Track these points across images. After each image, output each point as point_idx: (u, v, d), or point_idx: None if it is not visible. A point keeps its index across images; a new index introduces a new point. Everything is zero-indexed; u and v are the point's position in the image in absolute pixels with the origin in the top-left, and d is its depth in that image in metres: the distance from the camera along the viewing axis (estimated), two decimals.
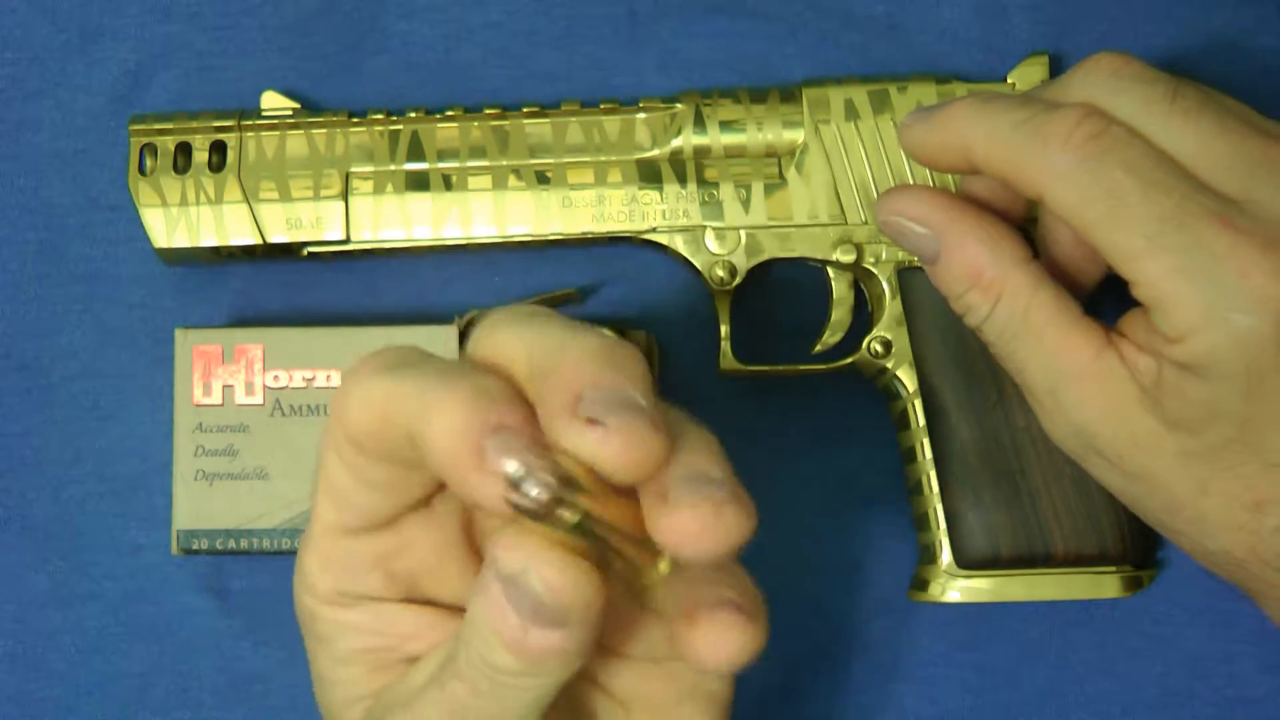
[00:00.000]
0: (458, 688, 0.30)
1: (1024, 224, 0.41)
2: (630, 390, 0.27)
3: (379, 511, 0.31)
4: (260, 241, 0.45)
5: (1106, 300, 0.40)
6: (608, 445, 0.26)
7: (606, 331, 0.29)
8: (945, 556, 0.44)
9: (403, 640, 0.33)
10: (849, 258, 0.44)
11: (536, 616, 0.27)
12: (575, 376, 0.27)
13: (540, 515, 0.26)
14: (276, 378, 0.44)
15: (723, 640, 0.28)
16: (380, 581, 0.32)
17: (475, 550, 0.33)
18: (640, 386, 0.27)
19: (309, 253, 0.45)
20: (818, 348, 0.46)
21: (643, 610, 0.32)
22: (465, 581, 0.33)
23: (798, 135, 0.45)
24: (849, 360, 0.45)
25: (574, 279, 0.47)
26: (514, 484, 0.26)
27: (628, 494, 0.27)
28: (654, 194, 0.45)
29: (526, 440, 0.27)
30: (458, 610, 0.33)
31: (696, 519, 0.26)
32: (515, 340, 0.29)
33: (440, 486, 0.32)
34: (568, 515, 0.26)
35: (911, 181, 0.44)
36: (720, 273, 0.45)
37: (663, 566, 0.28)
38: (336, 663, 0.33)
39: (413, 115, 0.45)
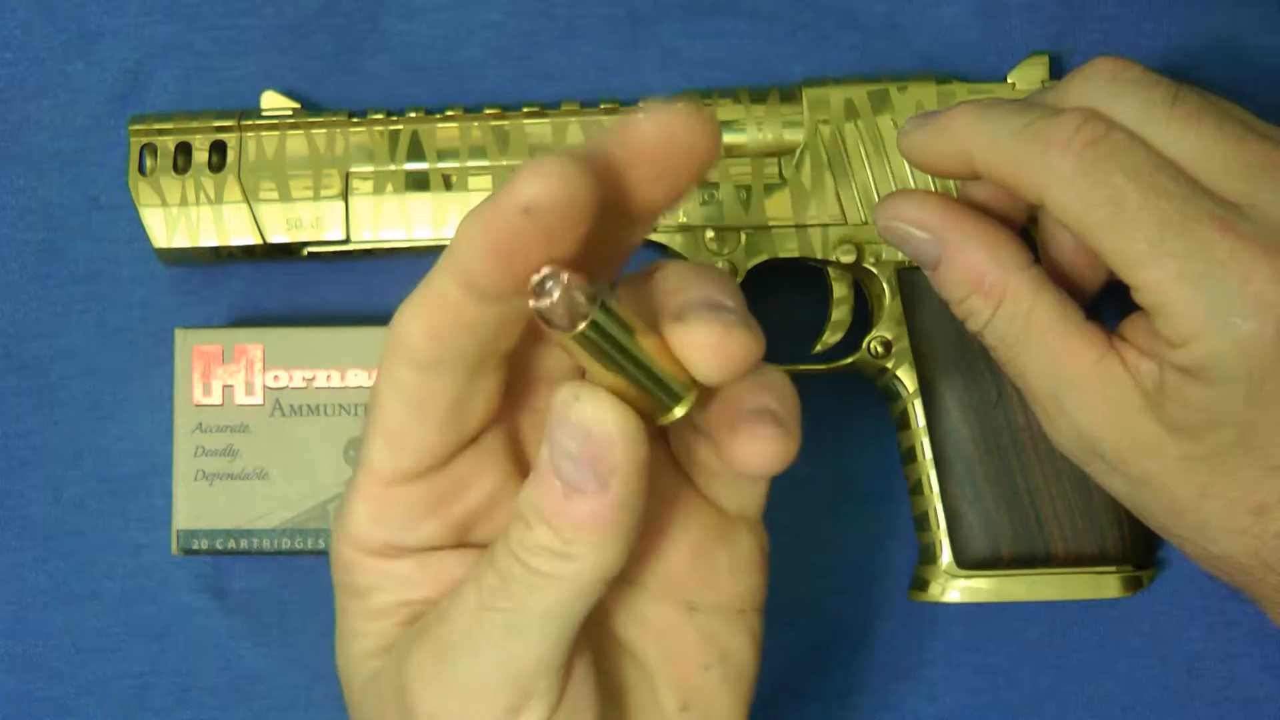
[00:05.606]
0: (489, 577, 0.30)
1: (1025, 228, 0.41)
2: None
3: (435, 450, 0.31)
4: (260, 241, 0.45)
5: (1108, 305, 0.40)
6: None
7: None
8: (945, 556, 0.44)
9: (448, 588, 0.32)
10: (849, 258, 0.44)
11: (580, 467, 0.28)
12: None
13: (560, 316, 0.28)
14: (276, 378, 0.44)
15: (760, 449, 0.30)
16: (434, 530, 0.32)
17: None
18: None
19: (309, 253, 0.45)
20: (818, 348, 0.46)
21: (669, 525, 0.33)
22: None
23: (798, 135, 0.45)
24: (849, 360, 0.45)
25: None
26: (537, 289, 0.27)
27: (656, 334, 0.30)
28: None
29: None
30: None
31: (709, 335, 0.29)
32: None
33: (492, 417, 0.32)
34: (587, 314, 0.28)
35: (912, 183, 0.44)
36: None
37: (680, 408, 0.30)
38: (369, 616, 0.33)
39: (413, 115, 0.45)
